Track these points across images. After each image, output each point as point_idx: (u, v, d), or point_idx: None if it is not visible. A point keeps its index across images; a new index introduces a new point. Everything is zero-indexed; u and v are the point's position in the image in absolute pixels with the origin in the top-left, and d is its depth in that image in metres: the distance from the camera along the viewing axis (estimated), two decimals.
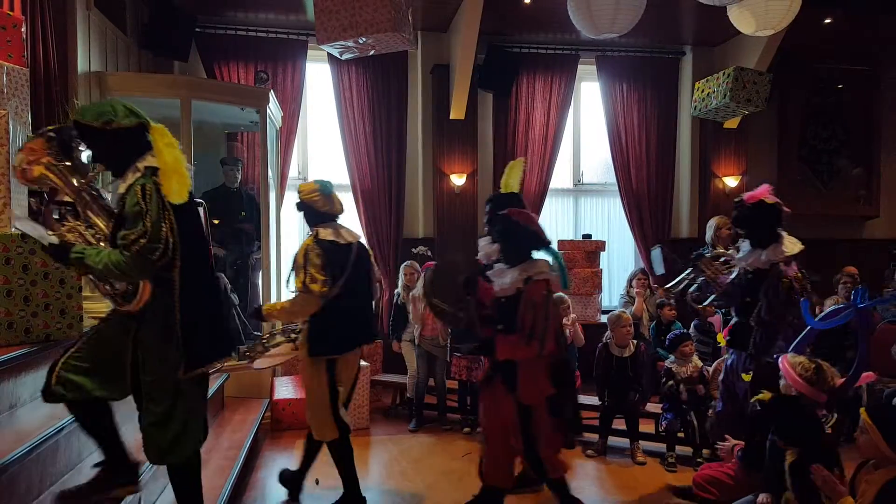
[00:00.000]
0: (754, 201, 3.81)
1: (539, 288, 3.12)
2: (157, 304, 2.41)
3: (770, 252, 3.71)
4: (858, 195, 8.25)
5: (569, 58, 7.55)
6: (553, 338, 3.08)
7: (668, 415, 4.90)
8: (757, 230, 3.78)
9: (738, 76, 5.16)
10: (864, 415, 2.64)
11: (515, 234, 3.27)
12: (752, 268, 3.76)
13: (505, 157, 7.52)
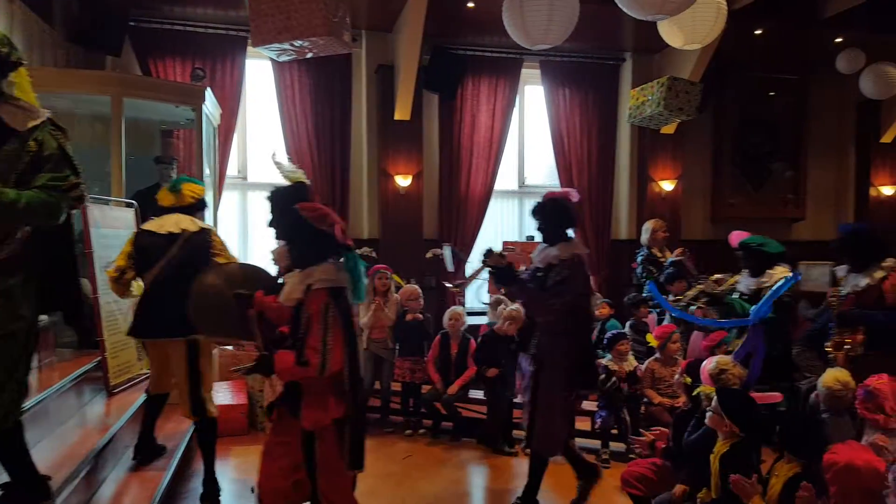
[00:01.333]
0: (550, 197, 3.77)
1: (318, 298, 2.62)
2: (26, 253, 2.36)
3: (559, 249, 3.63)
4: (787, 198, 8.63)
5: (513, 61, 7.63)
6: (339, 355, 2.61)
7: (602, 412, 5.04)
8: (549, 227, 3.71)
9: (672, 86, 5.32)
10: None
11: (303, 234, 2.71)
12: (543, 264, 3.68)
13: (451, 159, 7.58)
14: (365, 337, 5.64)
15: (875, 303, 3.91)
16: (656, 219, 6.39)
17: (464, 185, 7.59)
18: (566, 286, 3.53)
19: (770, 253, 4.20)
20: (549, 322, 3.60)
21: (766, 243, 4.27)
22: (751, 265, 4.26)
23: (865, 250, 4.08)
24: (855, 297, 4.00)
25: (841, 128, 8.97)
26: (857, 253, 4.09)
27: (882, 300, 3.88)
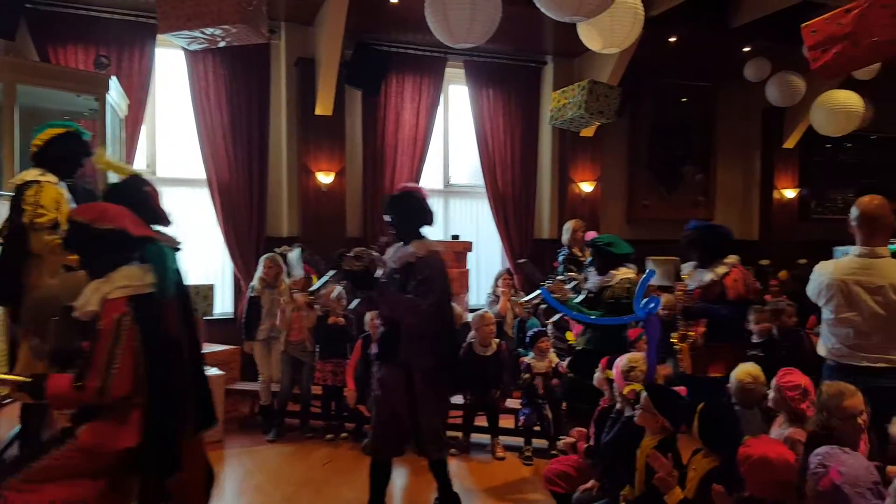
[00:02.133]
0: (404, 191, 3.62)
1: (113, 309, 2.30)
2: None
3: (416, 247, 3.44)
4: (698, 200, 9.00)
5: (437, 60, 7.58)
6: (126, 377, 2.26)
7: (526, 409, 5.08)
8: (404, 223, 3.53)
9: (592, 89, 5.42)
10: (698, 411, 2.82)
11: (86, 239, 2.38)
12: (400, 264, 3.46)
13: (375, 156, 7.46)
14: (282, 339, 5.47)
15: (718, 297, 4.07)
16: (576, 219, 6.52)
17: (388, 183, 7.49)
18: (431, 285, 3.36)
19: (615, 253, 4.24)
20: (416, 326, 3.37)
21: (613, 243, 4.31)
22: (597, 264, 4.30)
23: (711, 247, 4.22)
24: (701, 291, 4.16)
25: (747, 133, 9.45)
26: (704, 249, 4.23)
27: (724, 295, 4.06)
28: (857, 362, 3.02)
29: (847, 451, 2.35)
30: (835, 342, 3.13)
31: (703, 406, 2.82)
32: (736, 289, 4.06)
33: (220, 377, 5.42)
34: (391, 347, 3.48)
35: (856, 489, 2.16)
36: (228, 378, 5.75)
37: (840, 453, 2.30)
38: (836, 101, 6.07)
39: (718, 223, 4.84)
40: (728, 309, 4.03)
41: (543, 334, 5.26)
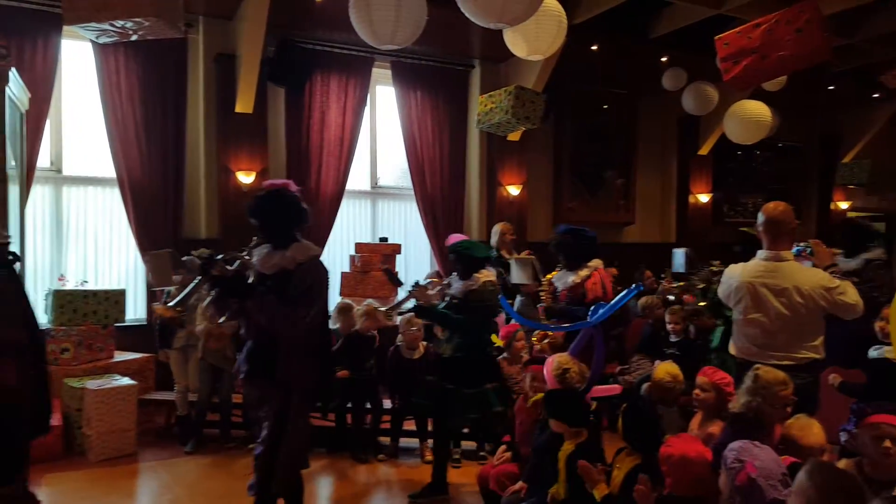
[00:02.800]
0: (272, 189, 3.22)
1: None
2: None
3: (294, 252, 3.10)
4: (619, 204, 9.29)
5: (364, 60, 7.48)
6: None
7: None
8: (275, 225, 3.17)
9: (519, 95, 5.48)
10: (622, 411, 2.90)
11: None
12: (273, 271, 3.11)
13: (299, 156, 7.28)
14: (200, 346, 5.25)
15: (581, 299, 4.21)
16: (504, 222, 6.58)
17: (313, 184, 7.33)
18: (313, 295, 3.04)
19: (477, 257, 4.15)
20: (297, 339, 3.02)
21: (473, 247, 4.24)
22: (459, 269, 4.17)
23: (577, 250, 4.36)
24: (566, 292, 4.28)
25: (665, 140, 9.82)
26: (570, 252, 4.37)
27: (585, 297, 4.21)
28: (765, 360, 3.15)
29: (758, 445, 2.45)
30: (744, 342, 3.27)
31: (625, 407, 2.89)
32: (594, 292, 4.20)
33: (134, 387, 5.18)
34: (264, 363, 3.09)
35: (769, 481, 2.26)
36: (142, 388, 5.49)
37: (753, 447, 2.39)
38: (746, 110, 6.39)
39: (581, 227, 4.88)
40: (585, 311, 4.06)
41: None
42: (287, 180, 3.33)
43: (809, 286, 3.07)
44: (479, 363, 4.13)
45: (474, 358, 4.09)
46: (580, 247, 4.38)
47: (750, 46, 3.64)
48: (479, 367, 4.13)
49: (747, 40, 3.65)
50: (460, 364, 4.08)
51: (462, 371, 4.08)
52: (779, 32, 3.51)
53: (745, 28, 3.71)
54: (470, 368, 4.09)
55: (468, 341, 4.11)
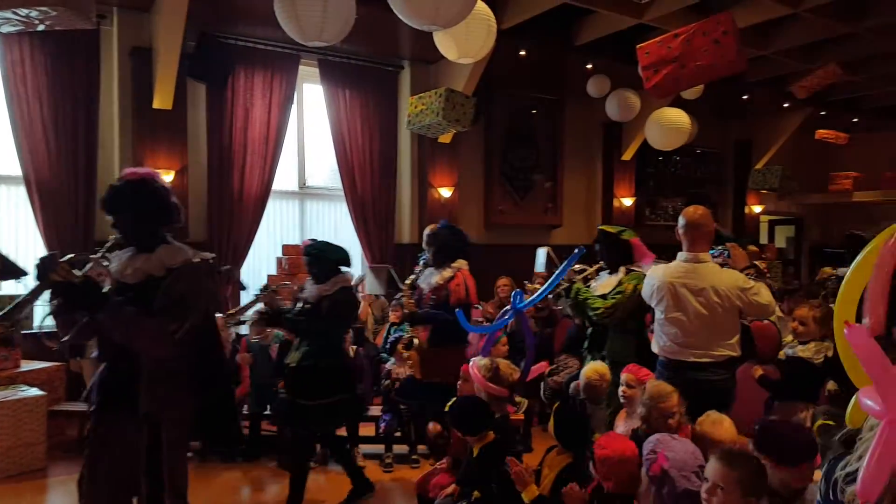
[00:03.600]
0: (134, 179, 2.72)
1: None
2: None
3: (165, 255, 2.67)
4: (547, 207, 9.46)
5: (290, 57, 7.31)
6: None
7: (386, 416, 5.01)
8: (135, 223, 2.74)
9: (449, 97, 5.48)
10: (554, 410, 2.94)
11: None
12: (137, 278, 2.66)
13: (222, 154, 7.03)
14: None
15: (445, 301, 4.06)
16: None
17: (237, 184, 7.09)
18: (187, 305, 2.55)
19: (331, 259, 3.88)
20: (166, 360, 2.54)
21: (327, 249, 3.94)
22: (314, 272, 3.88)
23: (446, 248, 4.22)
24: (431, 294, 4.12)
25: (590, 145, 10.07)
26: (439, 249, 4.22)
27: (449, 298, 4.07)
28: (685, 358, 3.28)
29: (676, 438, 2.53)
30: (666, 340, 3.37)
31: (557, 406, 2.92)
32: (457, 293, 4.07)
33: (42, 398, 4.89)
34: (122, 392, 2.59)
35: (682, 472, 2.34)
36: (52, 398, 5.16)
37: (669, 440, 2.47)
38: (667, 118, 6.63)
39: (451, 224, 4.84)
40: (449, 314, 3.94)
41: None
42: (152, 170, 2.86)
43: (726, 286, 3.20)
44: (329, 373, 3.80)
45: (325, 367, 3.78)
46: (452, 244, 4.22)
47: (669, 56, 3.78)
48: (329, 378, 3.80)
49: (667, 50, 3.78)
50: (309, 374, 3.76)
51: (311, 381, 3.76)
52: (697, 43, 3.66)
53: (664, 38, 3.84)
54: (320, 379, 3.77)
55: (319, 350, 3.78)
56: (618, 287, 3.85)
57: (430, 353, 4.06)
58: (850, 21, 6.54)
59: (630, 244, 4.03)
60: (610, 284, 3.94)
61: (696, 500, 2.17)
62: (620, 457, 2.56)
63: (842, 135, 8.79)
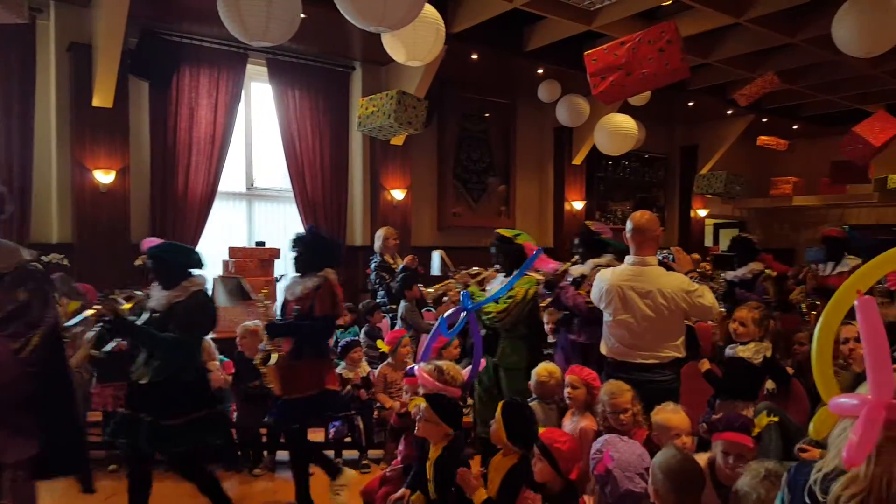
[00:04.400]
0: None
1: None
2: None
3: None
4: (500, 210, 9.51)
5: (237, 56, 7.15)
6: None
7: (336, 421, 4.92)
8: None
9: (401, 99, 5.44)
10: (499, 410, 2.86)
11: None
12: None
13: (165, 154, 6.83)
14: None
15: (310, 312, 3.71)
16: (388, 227, 6.53)
17: (181, 184, 6.89)
18: (31, 316, 2.25)
19: (179, 262, 3.50)
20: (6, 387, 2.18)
21: (179, 250, 3.59)
22: (161, 278, 3.50)
23: (312, 255, 3.82)
24: (294, 304, 3.78)
25: (542, 149, 10.18)
26: (306, 256, 3.82)
27: (314, 309, 3.71)
28: (632, 359, 3.32)
29: (623, 439, 2.56)
30: (614, 342, 3.41)
31: (503, 404, 2.90)
32: (322, 305, 3.71)
33: None
34: None
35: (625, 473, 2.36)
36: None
37: (617, 440, 2.49)
38: (615, 123, 6.74)
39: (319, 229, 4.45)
40: (312, 325, 3.69)
41: (356, 344, 5.13)
42: None
43: (671, 289, 3.26)
44: (186, 388, 3.40)
45: (180, 382, 3.37)
46: (317, 251, 3.82)
47: (616, 63, 3.83)
48: (186, 393, 3.40)
49: (614, 57, 3.84)
50: (162, 390, 3.32)
51: (164, 399, 3.31)
52: (642, 51, 3.72)
53: (611, 45, 3.90)
54: (174, 395, 3.35)
55: (173, 363, 3.36)
56: (510, 291, 3.83)
57: (290, 368, 3.69)
58: (789, 32, 6.79)
59: (524, 248, 4.04)
60: None
61: (637, 501, 2.19)
62: (577, 448, 2.59)
63: (782, 141, 9.12)
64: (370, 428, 4.93)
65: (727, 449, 2.47)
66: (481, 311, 3.86)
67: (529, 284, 3.83)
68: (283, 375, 3.76)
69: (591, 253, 4.56)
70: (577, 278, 4.43)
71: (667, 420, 2.80)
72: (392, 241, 6.22)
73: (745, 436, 2.51)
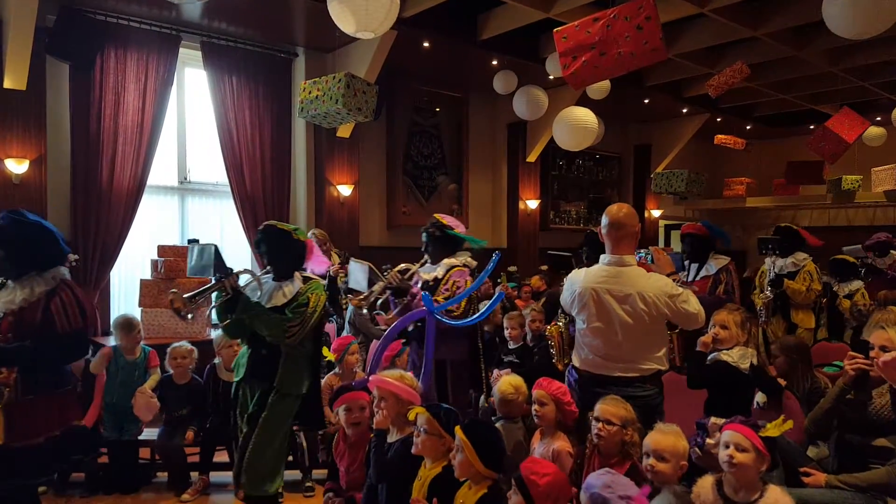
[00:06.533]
0: None
1: None
2: None
3: None
4: (452, 208, 9.11)
5: (169, 38, 6.55)
6: None
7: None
8: None
9: (350, 83, 4.96)
10: (460, 432, 2.46)
11: None
12: None
13: (87, 142, 6.19)
14: None
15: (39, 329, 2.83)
16: (318, 228, 6.24)
17: (106, 176, 6.26)
18: None
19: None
20: None
21: None
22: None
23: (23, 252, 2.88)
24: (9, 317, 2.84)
25: (495, 145, 9.85)
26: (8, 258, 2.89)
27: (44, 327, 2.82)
28: (609, 372, 2.96)
29: (613, 472, 2.24)
30: (587, 353, 3.04)
31: (467, 426, 2.51)
32: (60, 320, 2.81)
33: None
34: None
35: None
36: None
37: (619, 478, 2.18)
38: (574, 117, 6.42)
39: None
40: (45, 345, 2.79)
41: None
42: None
43: (653, 292, 2.90)
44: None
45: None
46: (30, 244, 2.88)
47: (589, 42, 3.48)
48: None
49: (586, 35, 3.49)
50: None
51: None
52: (618, 28, 3.38)
53: (583, 22, 3.54)
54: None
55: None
56: (298, 298, 3.19)
57: (21, 406, 2.80)
58: (752, 24, 6.62)
59: (306, 245, 3.36)
60: (284, 295, 3.23)
61: None
62: (562, 481, 2.23)
63: (740, 140, 9.05)
64: (313, 446, 4.45)
65: (726, 441, 2.30)
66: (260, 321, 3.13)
67: (319, 289, 3.24)
68: (9, 417, 2.78)
69: (444, 251, 3.98)
70: (428, 282, 3.88)
71: (657, 441, 2.46)
72: (325, 246, 5.65)
73: (746, 429, 2.30)
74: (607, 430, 2.64)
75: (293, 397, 3.25)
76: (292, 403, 3.26)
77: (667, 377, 3.10)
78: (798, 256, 5.44)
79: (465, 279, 3.85)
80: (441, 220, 4.04)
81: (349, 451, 3.10)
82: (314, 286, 3.27)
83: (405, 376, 3.05)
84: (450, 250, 4.00)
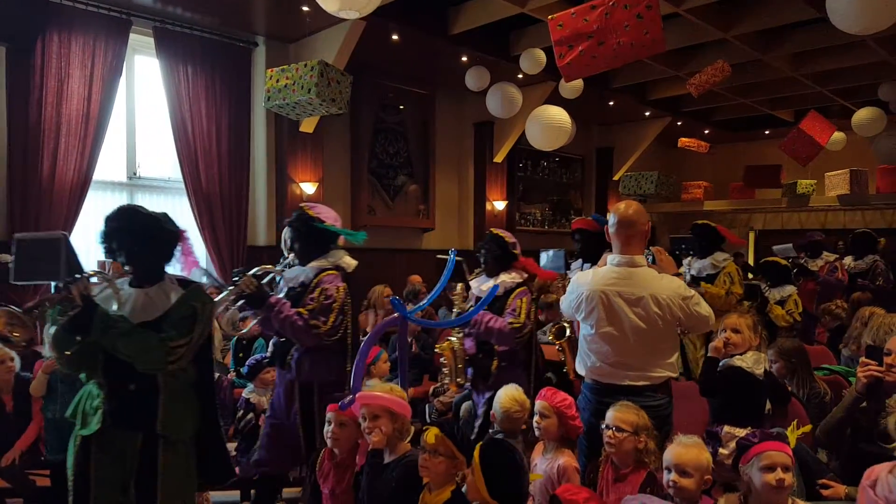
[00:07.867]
0: None
1: None
2: None
3: None
4: (419, 209, 8.85)
5: (118, 21, 6.09)
6: None
7: (243, 458, 4.03)
8: None
9: (323, 71, 4.64)
10: (477, 454, 2.25)
11: None
12: None
13: (27, 132, 5.71)
14: None
15: None
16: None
17: (48, 170, 5.78)
18: None
19: None
20: None
21: None
22: None
23: None
24: None
25: (462, 145, 9.63)
26: None
27: None
28: (618, 381, 2.76)
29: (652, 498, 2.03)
30: (595, 360, 2.83)
31: (483, 447, 2.28)
32: None
33: None
34: None
35: None
36: None
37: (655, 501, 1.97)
38: (548, 115, 6.28)
39: None
40: None
41: (268, 363, 4.28)
42: None
43: (667, 294, 2.72)
44: None
45: None
46: None
47: (586, 30, 3.29)
48: None
49: (583, 23, 3.30)
50: None
51: None
52: (617, 16, 3.20)
53: (580, 9, 3.35)
54: None
55: None
56: (179, 309, 2.44)
57: None
58: (723, 26, 6.61)
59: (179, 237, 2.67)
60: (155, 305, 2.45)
61: None
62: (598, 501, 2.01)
63: (703, 143, 9.10)
64: None
65: (772, 462, 2.07)
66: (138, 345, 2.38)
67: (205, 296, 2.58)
68: None
69: (314, 249, 3.34)
70: (295, 288, 3.29)
71: (680, 455, 2.27)
72: None
73: (786, 445, 2.13)
74: (618, 438, 2.47)
75: (184, 444, 2.43)
76: (186, 452, 2.45)
77: None
78: (718, 257, 4.96)
79: (338, 286, 3.24)
80: (308, 210, 3.35)
81: (335, 470, 2.80)
82: (196, 292, 2.51)
83: (395, 388, 2.79)
84: (321, 248, 3.34)
